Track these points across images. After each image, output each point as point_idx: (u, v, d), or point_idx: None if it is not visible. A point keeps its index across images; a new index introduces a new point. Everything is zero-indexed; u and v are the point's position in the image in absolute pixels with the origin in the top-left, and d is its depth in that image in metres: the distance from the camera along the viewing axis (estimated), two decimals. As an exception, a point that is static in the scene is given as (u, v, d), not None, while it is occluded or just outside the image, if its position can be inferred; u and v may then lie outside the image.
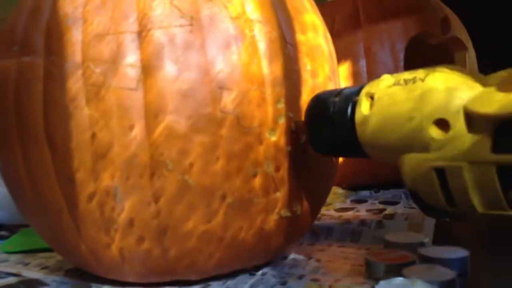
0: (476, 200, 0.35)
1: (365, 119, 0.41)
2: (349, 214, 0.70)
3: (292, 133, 0.46)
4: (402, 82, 0.39)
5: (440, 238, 0.57)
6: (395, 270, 0.46)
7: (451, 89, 0.36)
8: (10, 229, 0.74)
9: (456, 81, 0.36)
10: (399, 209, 0.72)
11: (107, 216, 0.43)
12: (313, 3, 0.54)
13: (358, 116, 0.42)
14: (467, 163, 0.35)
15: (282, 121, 0.45)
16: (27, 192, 0.46)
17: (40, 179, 0.45)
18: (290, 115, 0.46)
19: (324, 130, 0.45)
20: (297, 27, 0.48)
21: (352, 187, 0.87)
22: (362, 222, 0.62)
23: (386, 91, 0.40)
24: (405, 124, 0.38)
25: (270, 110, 0.44)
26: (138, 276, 0.47)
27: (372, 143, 0.41)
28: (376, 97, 0.40)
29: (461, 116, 0.35)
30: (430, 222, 0.60)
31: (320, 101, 0.46)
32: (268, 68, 0.45)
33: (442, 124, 0.36)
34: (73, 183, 0.43)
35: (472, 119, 0.34)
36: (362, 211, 0.72)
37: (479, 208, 0.35)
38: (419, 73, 0.39)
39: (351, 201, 0.81)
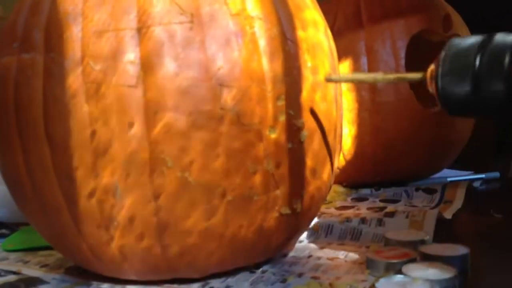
0: None
1: None
2: (349, 212, 0.70)
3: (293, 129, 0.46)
4: None
5: (441, 235, 0.57)
6: (396, 268, 0.46)
7: None
8: (10, 227, 0.74)
9: None
10: (400, 207, 0.72)
11: (107, 213, 0.43)
12: (314, 0, 0.53)
13: None
14: None
15: (282, 118, 0.45)
16: (26, 190, 0.46)
17: (39, 177, 0.45)
18: (290, 112, 0.45)
19: (467, 85, 0.39)
20: (297, 23, 0.48)
21: (353, 185, 0.87)
22: (363, 220, 0.62)
23: None
24: None
25: (270, 107, 0.44)
26: (138, 273, 0.47)
27: None
28: None
29: None
30: (431, 220, 0.60)
31: (461, 50, 0.40)
32: (268, 65, 0.44)
33: None
34: (72, 180, 0.43)
35: None
36: (362, 209, 0.72)
37: None
38: None
39: (352, 199, 0.81)
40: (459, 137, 0.89)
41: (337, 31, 0.84)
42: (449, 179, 0.88)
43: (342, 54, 0.82)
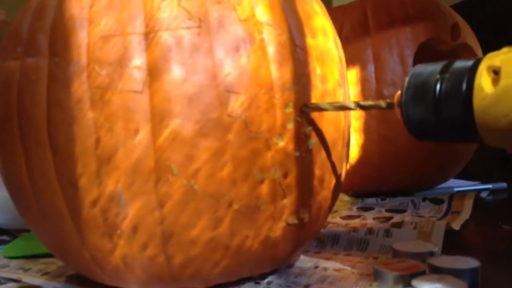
0: None
1: (487, 96, 0.35)
2: (355, 222, 0.69)
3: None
4: None
5: (450, 247, 0.56)
6: (405, 281, 0.45)
7: None
8: (12, 233, 0.73)
9: None
10: (406, 217, 0.71)
11: (111, 222, 0.42)
12: (323, 7, 0.53)
13: (477, 94, 0.36)
14: None
15: (290, 126, 0.44)
16: (28, 197, 0.45)
17: (42, 184, 0.44)
18: (298, 120, 0.44)
19: (429, 112, 0.39)
20: (307, 31, 0.47)
21: (358, 194, 0.87)
22: (370, 231, 0.61)
23: None
24: None
25: (278, 115, 0.43)
26: (141, 283, 0.46)
27: (493, 124, 0.35)
28: (502, 71, 0.34)
29: None
30: (439, 231, 0.59)
31: (423, 78, 0.40)
32: (277, 72, 0.44)
33: None
34: (76, 188, 0.42)
35: None
36: (368, 219, 0.71)
37: None
38: None
39: (358, 208, 0.80)
40: (466, 147, 0.88)
41: (344, 39, 0.83)
42: (456, 189, 0.87)
43: (349, 62, 0.81)
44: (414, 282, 0.44)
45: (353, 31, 0.84)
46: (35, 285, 0.52)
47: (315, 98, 0.46)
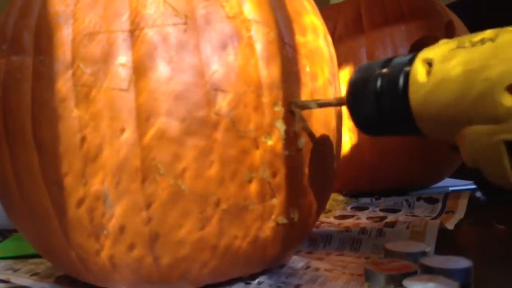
0: None
1: (422, 88, 0.36)
2: (349, 222, 0.69)
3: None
4: (467, 44, 0.34)
5: (443, 247, 0.55)
6: (396, 281, 0.44)
7: None
8: (3, 234, 0.72)
9: None
10: (401, 216, 0.71)
11: (97, 222, 0.42)
12: (314, 5, 0.52)
13: (412, 86, 0.36)
14: None
15: (279, 125, 0.43)
16: (14, 197, 0.45)
17: (27, 183, 0.43)
18: (287, 118, 0.44)
19: (372, 107, 0.40)
20: (296, 28, 0.46)
21: (352, 193, 0.86)
22: (362, 230, 0.60)
23: (448, 55, 0.35)
24: (470, 91, 0.33)
25: (267, 114, 0.43)
26: (129, 284, 0.45)
27: (429, 115, 0.36)
28: (435, 62, 0.35)
29: None
30: (432, 231, 0.58)
31: (365, 74, 0.41)
32: (265, 69, 0.43)
33: None
34: (61, 187, 0.42)
35: None
36: (362, 219, 0.70)
37: None
38: (487, 33, 0.33)
39: (352, 208, 0.80)
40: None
41: (338, 37, 0.83)
42: (450, 189, 0.87)
43: (343, 60, 0.81)
44: (405, 282, 0.43)
45: (347, 29, 0.84)
46: (23, 286, 0.51)
47: (304, 96, 0.45)
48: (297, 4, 0.48)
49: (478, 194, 0.85)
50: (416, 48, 0.80)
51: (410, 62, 0.38)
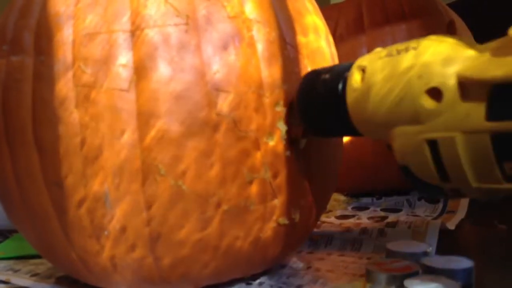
0: (470, 173, 0.33)
1: (356, 92, 0.38)
2: (350, 222, 0.69)
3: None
4: (394, 52, 0.37)
5: (444, 246, 0.55)
6: (397, 281, 0.44)
7: (444, 57, 0.33)
8: (3, 234, 0.72)
9: (449, 48, 0.34)
10: (402, 216, 0.71)
11: (98, 223, 0.42)
12: (316, 5, 0.52)
13: (349, 90, 0.39)
14: (460, 133, 0.32)
15: (280, 125, 0.43)
16: (15, 197, 0.45)
17: (28, 184, 0.43)
18: (289, 119, 0.44)
19: (316, 110, 0.42)
20: (298, 28, 0.46)
21: (353, 193, 0.86)
22: (364, 230, 0.60)
23: (378, 62, 0.37)
24: (395, 95, 0.35)
25: (268, 114, 0.43)
26: (130, 285, 0.45)
27: (362, 118, 0.38)
28: (367, 69, 0.38)
29: (454, 84, 0.32)
30: (433, 231, 0.58)
31: (311, 79, 0.43)
32: (266, 70, 0.43)
33: (435, 93, 0.33)
34: (62, 188, 0.41)
35: (466, 87, 0.32)
36: (363, 219, 0.70)
37: (473, 182, 0.33)
38: (412, 42, 0.36)
39: (353, 208, 0.80)
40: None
41: (339, 37, 0.83)
42: (452, 188, 0.86)
43: (344, 59, 0.80)
44: (407, 283, 0.43)
45: (348, 29, 0.83)
46: (23, 287, 0.51)
47: (306, 97, 0.45)
48: (298, 4, 0.48)
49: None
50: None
51: (349, 68, 0.40)
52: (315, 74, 0.43)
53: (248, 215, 0.43)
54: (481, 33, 0.90)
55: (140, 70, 0.40)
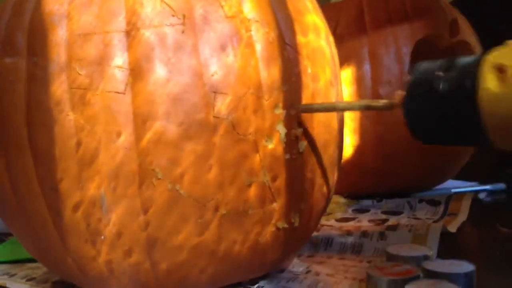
0: None
1: (495, 97, 0.33)
2: (350, 225, 0.68)
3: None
4: None
5: (445, 250, 0.55)
6: (398, 286, 0.43)
7: None
8: (0, 237, 0.71)
9: None
10: (403, 219, 0.70)
11: (93, 227, 0.41)
12: (316, 4, 0.51)
13: (484, 94, 0.34)
14: None
15: (280, 127, 0.42)
16: (10, 201, 0.44)
17: (23, 188, 0.42)
18: (288, 121, 0.43)
19: (433, 111, 0.37)
20: (297, 28, 0.45)
21: (354, 196, 0.85)
22: (364, 234, 0.59)
23: None
24: None
25: (267, 116, 0.42)
26: (127, 290, 0.44)
27: (505, 127, 0.33)
28: (510, 67, 0.33)
29: None
30: (434, 234, 0.57)
31: (426, 75, 0.38)
32: (265, 71, 0.42)
33: None
34: (57, 192, 0.41)
35: None
36: (364, 221, 0.69)
37: None
38: None
39: (353, 210, 0.79)
40: (464, 147, 0.87)
41: (339, 36, 0.82)
42: (453, 191, 0.85)
43: (344, 60, 0.80)
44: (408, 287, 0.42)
45: (348, 28, 0.83)
46: (19, 291, 0.50)
47: (306, 98, 0.44)
48: (298, 4, 0.47)
49: (481, 195, 0.84)
50: (419, 47, 0.79)
51: (476, 64, 0.35)
52: (429, 69, 0.38)
53: (246, 219, 0.42)
54: (485, 32, 0.89)
55: (136, 72, 0.39)
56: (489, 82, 0.34)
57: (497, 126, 0.34)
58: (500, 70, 0.33)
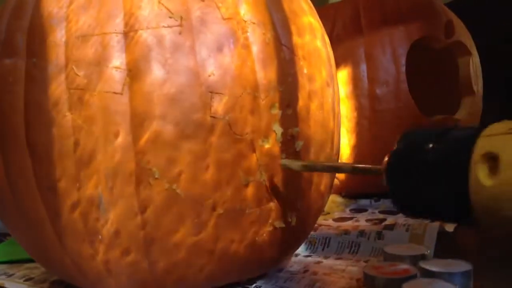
0: None
1: (485, 189, 0.31)
2: (348, 224, 0.68)
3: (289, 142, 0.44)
4: None
5: (442, 249, 0.55)
6: (395, 285, 0.44)
7: None
8: (-1, 238, 0.72)
9: None
10: (400, 218, 0.70)
11: (91, 226, 0.41)
12: (311, 5, 0.51)
13: (473, 184, 0.31)
14: None
15: (276, 127, 0.43)
16: (7, 201, 0.44)
17: (21, 187, 0.43)
18: (285, 121, 0.43)
19: (416, 186, 0.35)
20: (293, 29, 0.46)
21: (352, 195, 0.85)
22: (361, 233, 0.60)
23: None
24: None
25: (263, 116, 0.42)
26: (125, 289, 0.44)
27: (494, 218, 0.31)
28: (502, 160, 0.30)
29: None
30: (432, 234, 0.57)
31: (412, 144, 0.36)
32: (262, 71, 0.42)
33: None
34: (55, 192, 0.41)
35: None
36: (361, 221, 0.70)
37: None
38: None
39: (351, 210, 0.79)
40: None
41: (336, 37, 0.82)
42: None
43: (341, 61, 0.80)
44: (405, 287, 0.42)
45: (345, 29, 0.83)
46: (17, 291, 0.51)
47: (302, 98, 0.45)
48: (294, 5, 0.47)
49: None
50: (415, 48, 0.80)
51: (469, 146, 0.32)
52: (419, 137, 0.36)
53: (243, 219, 0.42)
54: (479, 34, 0.89)
55: (134, 72, 0.39)
56: (480, 172, 0.31)
57: (485, 216, 0.32)
58: (493, 158, 0.31)
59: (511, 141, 0.30)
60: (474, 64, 0.87)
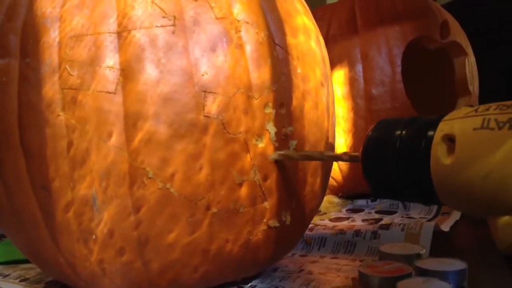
0: None
1: (443, 167, 0.33)
2: (344, 224, 0.68)
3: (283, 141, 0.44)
4: (493, 124, 0.31)
5: (438, 249, 0.55)
6: (390, 284, 0.44)
7: None
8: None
9: None
10: (396, 218, 0.70)
11: (85, 227, 0.41)
12: (306, 6, 0.51)
13: (434, 163, 0.34)
14: None
15: (270, 127, 0.43)
16: (2, 202, 0.44)
17: (14, 188, 0.43)
18: (278, 121, 0.43)
19: (389, 169, 0.38)
20: (287, 29, 0.46)
21: (348, 195, 0.85)
22: (357, 233, 0.60)
23: (471, 135, 0.32)
24: (500, 181, 0.31)
25: (257, 116, 0.42)
26: (119, 289, 0.44)
27: (452, 194, 0.34)
28: (458, 141, 0.33)
29: None
30: (427, 233, 0.58)
31: (384, 132, 0.39)
32: (255, 71, 0.42)
33: None
34: (49, 192, 0.41)
35: None
36: (357, 221, 0.70)
37: None
38: None
39: (347, 210, 0.79)
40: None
41: (332, 38, 0.82)
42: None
43: (337, 61, 0.80)
44: (400, 285, 0.42)
45: (340, 29, 0.83)
46: (12, 292, 0.51)
47: (296, 98, 0.45)
48: (288, 5, 0.47)
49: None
50: (411, 48, 0.80)
51: (433, 127, 0.35)
52: (389, 126, 0.39)
53: (237, 218, 0.43)
54: (474, 34, 0.89)
55: (127, 72, 0.39)
56: (440, 152, 0.34)
57: (445, 194, 0.35)
58: (450, 139, 0.33)
59: (467, 124, 0.33)
60: (470, 64, 0.87)
